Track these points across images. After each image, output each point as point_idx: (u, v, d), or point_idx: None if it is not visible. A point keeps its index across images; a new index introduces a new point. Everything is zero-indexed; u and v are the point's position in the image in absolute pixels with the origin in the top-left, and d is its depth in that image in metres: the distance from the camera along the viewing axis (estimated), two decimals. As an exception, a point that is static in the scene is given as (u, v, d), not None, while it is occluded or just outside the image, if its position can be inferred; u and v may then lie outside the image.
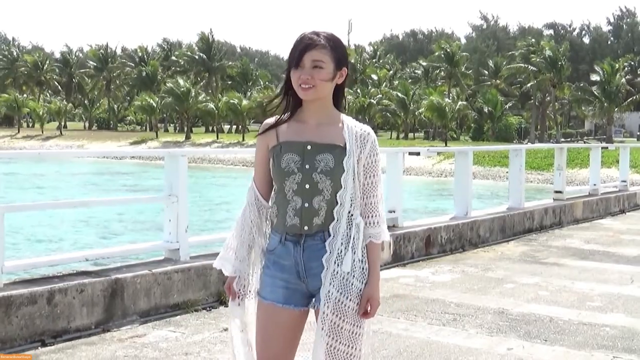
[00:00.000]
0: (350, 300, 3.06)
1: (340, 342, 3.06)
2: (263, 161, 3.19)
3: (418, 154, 12.63)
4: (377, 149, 3.16)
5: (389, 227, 9.29)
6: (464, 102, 71.57)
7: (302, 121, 3.13)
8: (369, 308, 3.09)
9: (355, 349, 3.10)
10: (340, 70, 3.10)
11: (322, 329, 3.05)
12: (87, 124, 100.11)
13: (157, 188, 26.22)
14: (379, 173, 3.18)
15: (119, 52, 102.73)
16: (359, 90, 75.76)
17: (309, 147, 3.06)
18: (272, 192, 3.18)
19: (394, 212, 9.46)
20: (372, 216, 3.16)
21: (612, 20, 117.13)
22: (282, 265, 3.12)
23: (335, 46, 3.07)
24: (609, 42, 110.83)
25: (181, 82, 77.68)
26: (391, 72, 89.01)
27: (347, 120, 3.15)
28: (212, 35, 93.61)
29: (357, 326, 3.09)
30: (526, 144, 60.08)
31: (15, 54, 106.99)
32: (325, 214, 3.07)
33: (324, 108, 3.13)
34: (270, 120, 3.18)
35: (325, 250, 3.08)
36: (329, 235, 3.08)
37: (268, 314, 3.15)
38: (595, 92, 70.97)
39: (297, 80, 3.04)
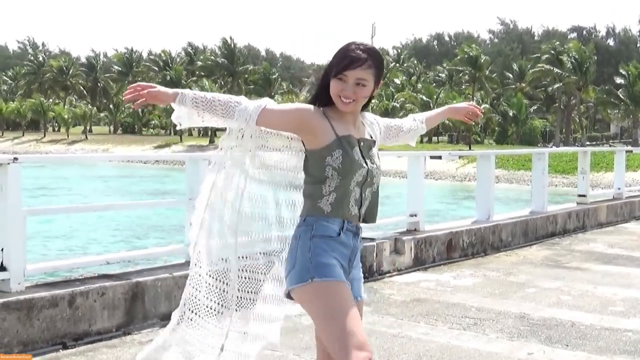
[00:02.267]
0: None
1: None
2: (288, 121, 3.20)
3: (440, 157, 12.60)
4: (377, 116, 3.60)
5: (410, 231, 9.33)
6: (488, 106, 71.19)
7: (343, 117, 3.23)
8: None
9: None
10: (377, 84, 3.25)
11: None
12: (112, 128, 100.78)
13: (179, 192, 26.32)
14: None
15: (144, 55, 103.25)
16: (382, 93, 75.62)
17: (362, 144, 3.24)
18: (327, 179, 3.16)
19: (416, 215, 9.43)
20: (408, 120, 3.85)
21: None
22: (341, 252, 3.19)
23: (378, 64, 3.20)
24: (637, 45, 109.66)
25: (207, 84, 77.95)
26: (414, 76, 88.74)
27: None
28: (233, 41, 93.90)
29: None
30: (551, 147, 59.68)
31: (41, 59, 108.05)
32: (370, 203, 3.29)
33: (357, 112, 3.31)
34: (317, 112, 3.21)
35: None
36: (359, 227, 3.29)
37: (338, 289, 3.09)
38: (620, 95, 70.41)
39: (338, 92, 3.16)
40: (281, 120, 3.20)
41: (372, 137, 3.34)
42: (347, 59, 3.13)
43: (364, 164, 3.20)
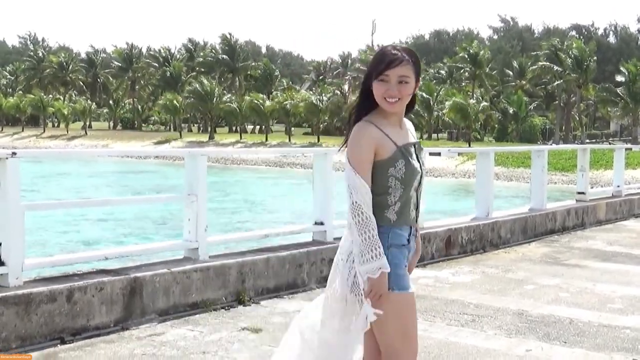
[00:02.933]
0: None
1: None
2: (371, 162, 3.24)
3: (439, 154, 12.59)
4: None
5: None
6: (487, 103, 71.14)
7: (394, 124, 3.29)
8: None
9: None
10: (417, 82, 3.28)
11: None
12: (111, 124, 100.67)
13: (178, 187, 26.31)
14: None
15: (144, 51, 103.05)
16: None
17: (416, 147, 3.35)
18: (390, 189, 3.25)
19: (414, 212, 9.40)
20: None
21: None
22: (406, 256, 3.35)
23: (415, 61, 3.26)
24: (638, 43, 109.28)
25: (205, 81, 77.89)
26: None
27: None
28: (232, 37, 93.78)
29: None
30: (550, 145, 59.70)
31: (41, 54, 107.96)
32: (419, 204, 3.42)
33: (402, 113, 3.34)
34: (372, 127, 3.23)
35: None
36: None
37: (413, 302, 3.35)
38: (620, 92, 70.41)
39: (383, 94, 3.20)
40: (370, 166, 3.23)
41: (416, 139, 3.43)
42: (387, 58, 3.20)
43: (419, 169, 3.32)
